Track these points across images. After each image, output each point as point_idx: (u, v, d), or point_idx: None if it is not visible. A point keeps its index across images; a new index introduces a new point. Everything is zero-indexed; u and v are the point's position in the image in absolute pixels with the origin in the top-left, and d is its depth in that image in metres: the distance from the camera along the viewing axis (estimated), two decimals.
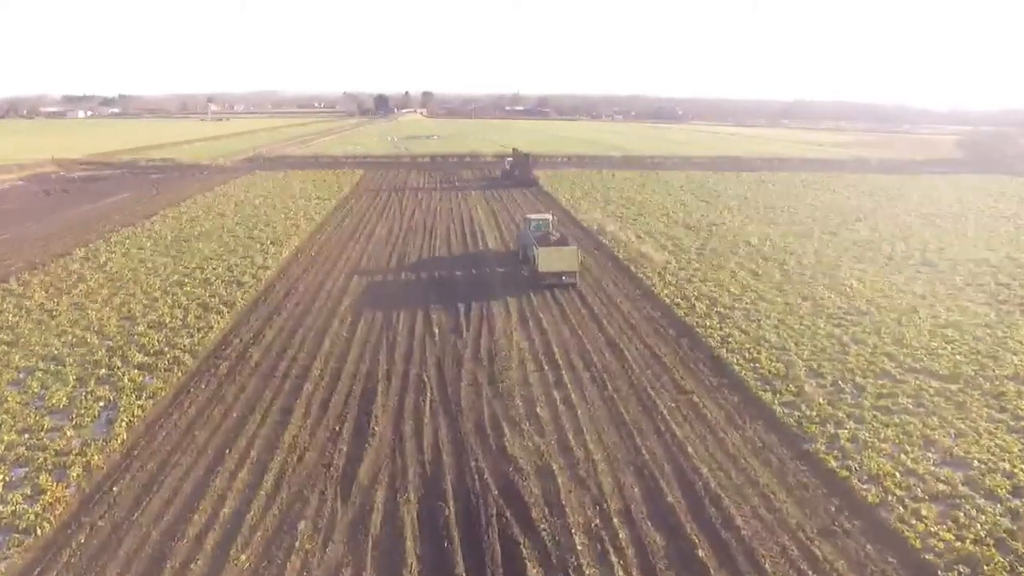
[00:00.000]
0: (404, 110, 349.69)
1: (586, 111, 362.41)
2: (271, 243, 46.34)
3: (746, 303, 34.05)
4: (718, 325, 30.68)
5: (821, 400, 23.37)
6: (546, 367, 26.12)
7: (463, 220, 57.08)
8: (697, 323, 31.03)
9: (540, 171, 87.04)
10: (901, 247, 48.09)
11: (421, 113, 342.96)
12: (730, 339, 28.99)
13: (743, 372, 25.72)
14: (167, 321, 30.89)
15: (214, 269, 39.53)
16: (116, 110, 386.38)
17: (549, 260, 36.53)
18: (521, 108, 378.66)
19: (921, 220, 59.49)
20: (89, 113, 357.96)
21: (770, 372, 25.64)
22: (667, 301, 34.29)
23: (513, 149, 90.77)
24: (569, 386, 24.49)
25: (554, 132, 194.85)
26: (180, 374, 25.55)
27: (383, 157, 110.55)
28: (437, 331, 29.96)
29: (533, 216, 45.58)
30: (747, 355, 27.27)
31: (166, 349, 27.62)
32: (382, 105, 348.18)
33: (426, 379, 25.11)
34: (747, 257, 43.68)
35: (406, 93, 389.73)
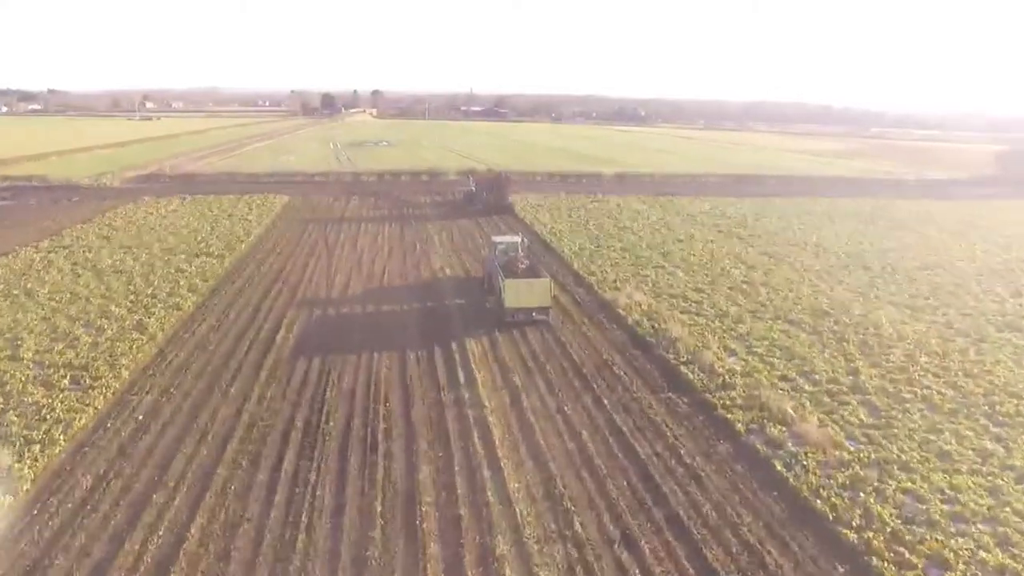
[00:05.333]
0: (352, 110, 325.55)
1: (545, 112, 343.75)
2: (85, 374, 24.81)
3: None
4: None
5: None
6: None
7: (426, 292, 36.23)
8: None
9: (516, 195, 67.64)
10: None
11: (370, 113, 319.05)
12: None
13: None
14: None
15: None
16: (37, 107, 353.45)
17: (517, 294, 31.42)
18: (478, 108, 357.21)
19: None
20: (4, 110, 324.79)
21: None
22: None
23: (471, 177, 70.45)
24: None
25: (518, 137, 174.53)
26: None
27: (319, 174, 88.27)
28: None
29: (500, 239, 38.72)
30: None
31: None
32: (328, 104, 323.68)
33: None
34: (965, 414, 23.64)
35: (354, 92, 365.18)
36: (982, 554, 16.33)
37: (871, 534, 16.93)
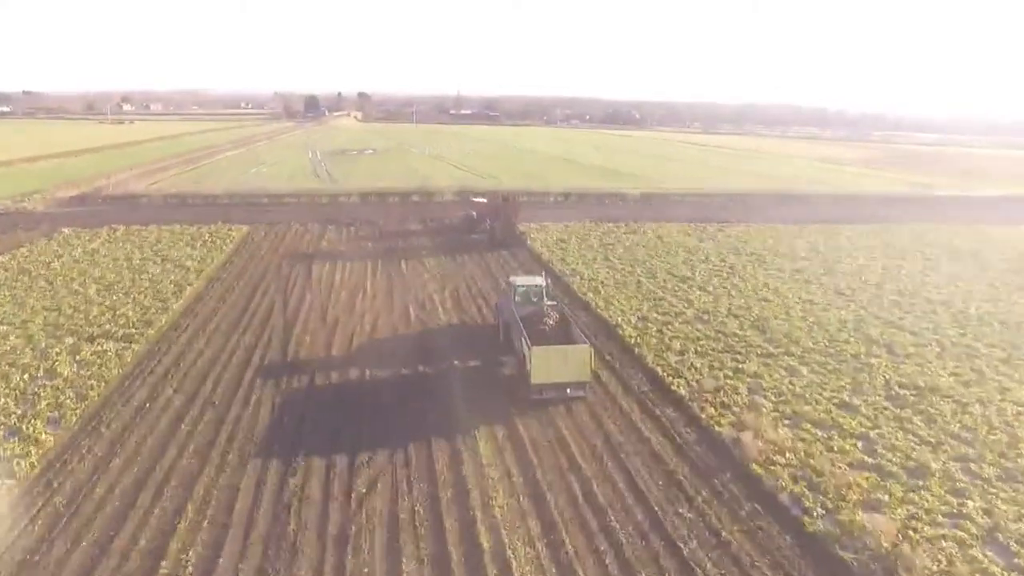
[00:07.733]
0: (337, 113, 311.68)
1: (538, 115, 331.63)
2: None
3: None
4: None
5: None
6: None
7: (427, 410, 22.81)
8: None
9: (527, 222, 55.57)
10: None
11: (355, 117, 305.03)
12: None
13: None
14: None
15: None
16: (4, 109, 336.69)
17: (548, 366, 23.47)
18: (468, 112, 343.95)
19: None
20: None
21: None
22: None
23: (474, 211, 57.24)
24: None
25: (514, 144, 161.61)
26: None
27: (290, 195, 74.34)
28: None
29: (520, 281, 30.51)
30: None
31: None
32: (312, 107, 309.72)
33: None
34: None
35: (339, 94, 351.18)
36: None
37: None
